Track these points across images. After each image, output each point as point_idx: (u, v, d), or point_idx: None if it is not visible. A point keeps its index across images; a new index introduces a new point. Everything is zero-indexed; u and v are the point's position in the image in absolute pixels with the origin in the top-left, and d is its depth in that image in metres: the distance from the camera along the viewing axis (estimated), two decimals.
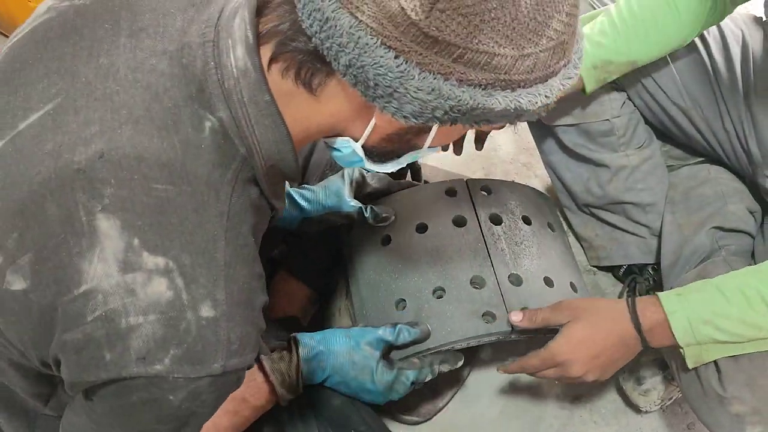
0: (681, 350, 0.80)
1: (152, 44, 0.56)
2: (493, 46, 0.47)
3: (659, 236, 1.07)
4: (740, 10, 1.05)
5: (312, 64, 0.53)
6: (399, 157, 0.63)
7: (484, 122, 0.52)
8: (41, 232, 0.52)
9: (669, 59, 1.00)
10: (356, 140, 0.60)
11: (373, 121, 0.56)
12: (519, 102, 0.50)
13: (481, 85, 0.49)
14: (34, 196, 0.53)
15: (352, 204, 0.96)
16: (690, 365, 0.81)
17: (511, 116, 0.52)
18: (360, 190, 1.00)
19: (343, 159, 0.64)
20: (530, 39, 0.48)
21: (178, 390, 0.52)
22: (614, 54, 0.92)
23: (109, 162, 0.52)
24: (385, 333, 0.86)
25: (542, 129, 1.12)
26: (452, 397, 1.08)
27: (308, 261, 1.08)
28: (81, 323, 0.51)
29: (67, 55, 0.56)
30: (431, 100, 0.49)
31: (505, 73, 0.49)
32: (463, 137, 0.99)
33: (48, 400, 0.69)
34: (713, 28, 1.00)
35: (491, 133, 1.49)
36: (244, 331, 0.55)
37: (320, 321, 1.10)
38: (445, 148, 0.92)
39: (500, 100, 0.49)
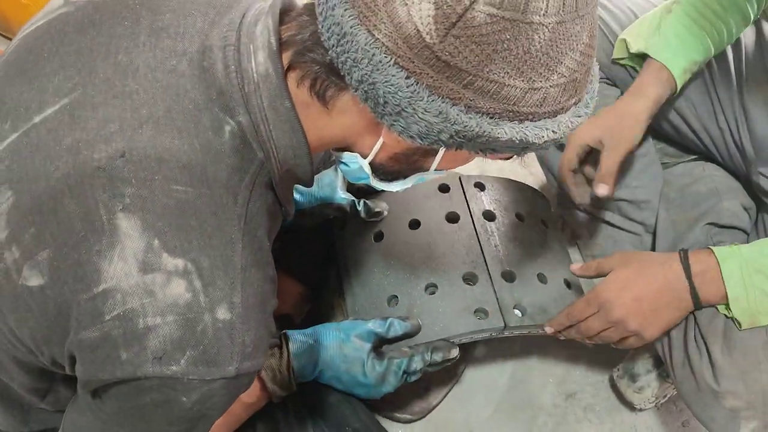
0: (730, 313, 0.78)
1: (172, 44, 0.56)
2: (503, 77, 0.48)
3: (654, 233, 1.07)
4: None
5: (327, 76, 0.53)
6: (405, 177, 0.64)
7: (489, 151, 0.53)
8: (60, 229, 0.52)
9: None
10: (364, 157, 0.60)
11: (381, 139, 0.57)
12: (525, 134, 0.50)
13: (488, 113, 0.49)
14: (53, 192, 0.52)
15: (344, 196, 0.96)
16: (744, 326, 0.78)
17: (517, 148, 0.52)
18: (353, 183, 0.99)
19: (350, 173, 0.65)
20: (541, 73, 0.48)
21: (191, 392, 0.52)
22: (699, 53, 0.92)
23: (130, 162, 0.52)
24: (376, 325, 0.86)
25: None
26: (446, 395, 1.08)
27: (301, 258, 1.08)
28: (99, 322, 0.51)
29: (85, 50, 0.56)
30: (438, 123, 0.50)
31: (514, 104, 0.49)
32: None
33: (45, 395, 0.69)
34: None
35: None
36: (258, 334, 0.55)
37: (313, 319, 1.09)
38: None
39: (506, 131, 0.50)
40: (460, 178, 1.04)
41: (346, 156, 0.62)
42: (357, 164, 0.62)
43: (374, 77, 0.49)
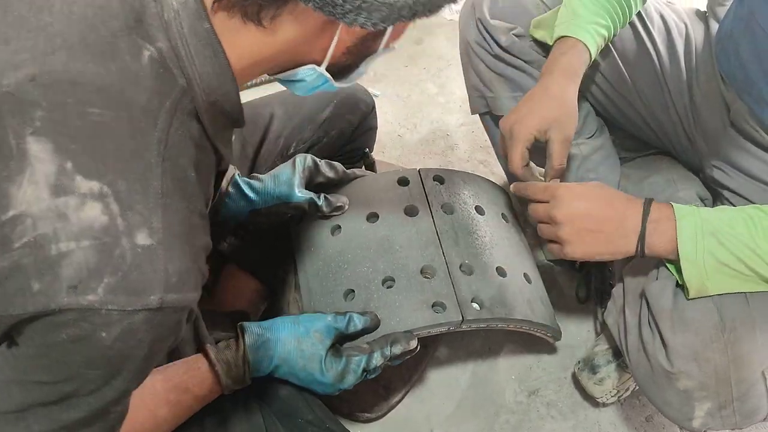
0: (681, 279, 0.77)
1: None
2: None
3: None
4: (684, 3, 1.07)
5: (262, 1, 0.53)
6: (358, 67, 0.64)
7: (436, 8, 0.56)
8: None
9: (615, 52, 1.01)
10: (319, 64, 0.60)
11: (335, 38, 0.58)
12: None
13: None
14: None
15: (300, 195, 0.94)
16: (691, 294, 0.77)
17: None
18: (311, 179, 0.97)
19: (307, 87, 0.65)
20: None
21: (111, 326, 0.49)
22: (612, 30, 0.94)
23: (40, 85, 0.50)
24: (336, 321, 0.84)
25: (495, 122, 1.12)
26: (406, 394, 1.06)
27: (257, 254, 1.05)
28: (8, 250, 0.48)
29: None
30: (397, 1, 0.52)
31: None
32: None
33: None
34: (658, 22, 1.01)
35: (447, 132, 1.50)
36: (183, 265, 0.52)
37: (269, 315, 1.06)
38: None
39: None
40: (419, 172, 1.03)
41: (301, 72, 0.62)
42: (314, 73, 0.61)
43: None
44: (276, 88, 1.03)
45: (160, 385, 0.73)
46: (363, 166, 1.13)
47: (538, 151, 0.92)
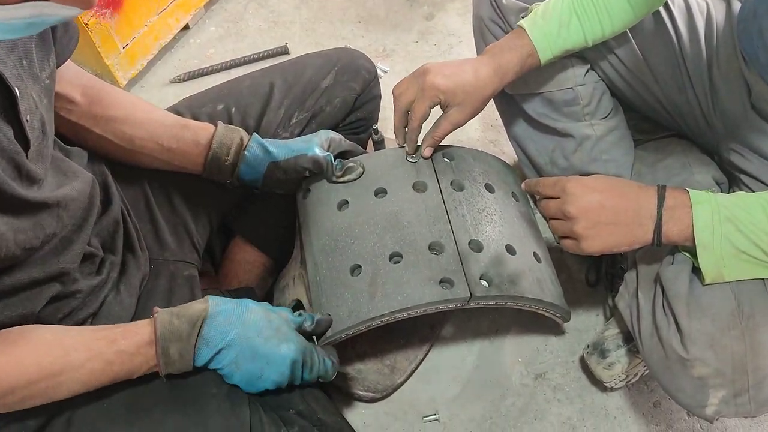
0: (696, 261, 0.75)
1: None
2: None
3: None
4: None
5: None
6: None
7: None
8: None
9: (631, 32, 0.98)
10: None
11: None
12: None
13: None
14: None
15: (318, 151, 0.93)
16: (707, 280, 0.75)
17: None
18: (332, 150, 0.96)
19: None
20: None
21: None
22: (573, 43, 0.92)
23: None
24: (295, 316, 0.81)
25: (506, 101, 1.09)
26: (411, 374, 1.04)
27: (264, 229, 1.04)
28: None
29: None
30: None
31: None
32: None
33: None
34: (679, 1, 0.98)
35: None
36: None
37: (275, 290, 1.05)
38: None
39: None
40: None
41: None
42: None
43: None
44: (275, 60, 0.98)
45: (89, 333, 0.67)
46: (372, 143, 1.11)
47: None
